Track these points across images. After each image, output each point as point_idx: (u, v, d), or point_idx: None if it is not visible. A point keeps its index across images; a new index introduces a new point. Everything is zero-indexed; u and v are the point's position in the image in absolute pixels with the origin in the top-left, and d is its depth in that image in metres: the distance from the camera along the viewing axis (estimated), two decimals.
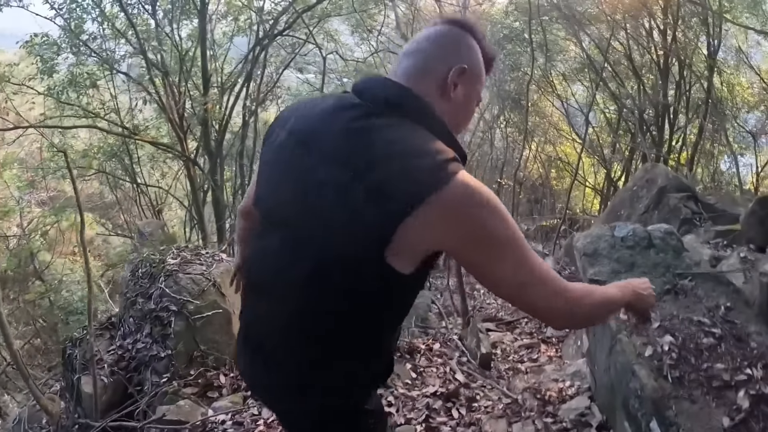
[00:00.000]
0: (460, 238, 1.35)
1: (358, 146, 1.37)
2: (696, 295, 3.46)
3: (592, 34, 13.91)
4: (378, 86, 1.51)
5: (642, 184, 7.96)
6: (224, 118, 10.42)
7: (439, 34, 1.59)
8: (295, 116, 1.57)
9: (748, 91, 14.46)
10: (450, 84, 1.54)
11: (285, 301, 1.52)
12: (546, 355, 5.99)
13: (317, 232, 1.41)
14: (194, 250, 6.24)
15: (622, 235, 3.68)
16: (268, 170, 1.62)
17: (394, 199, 1.29)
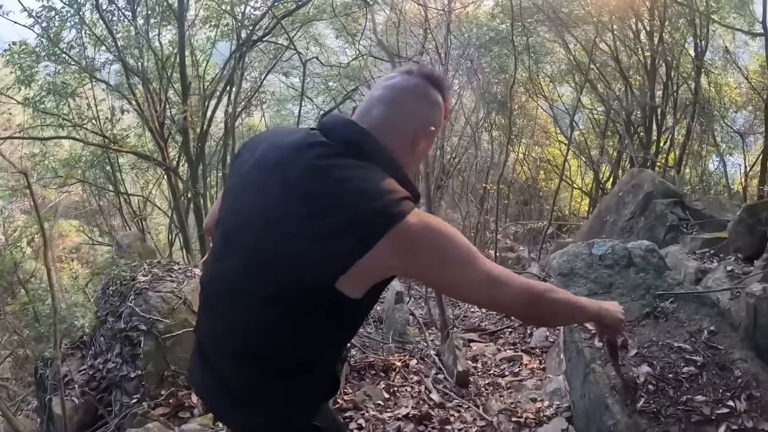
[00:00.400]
0: (420, 266, 1.49)
1: (319, 184, 1.46)
2: (677, 319, 3.23)
3: (578, 36, 13.71)
4: (344, 129, 1.58)
5: (628, 189, 7.75)
6: (203, 126, 10.13)
7: (416, 93, 1.68)
8: (263, 145, 1.64)
9: (735, 91, 14.30)
10: (417, 141, 1.68)
11: (237, 322, 1.58)
12: (528, 367, 5.78)
13: (274, 260, 1.47)
14: (166, 266, 6.05)
15: (600, 253, 3.45)
16: (232, 193, 1.67)
17: (350, 236, 1.40)
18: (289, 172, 1.51)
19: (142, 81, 10.32)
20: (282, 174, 1.52)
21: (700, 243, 5.86)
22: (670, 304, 3.28)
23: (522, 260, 10.08)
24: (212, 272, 1.71)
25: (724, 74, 14.28)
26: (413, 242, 1.43)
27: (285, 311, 1.50)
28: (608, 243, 3.54)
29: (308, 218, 1.43)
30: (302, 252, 1.42)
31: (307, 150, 1.52)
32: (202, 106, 10.46)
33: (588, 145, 15.69)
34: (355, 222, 1.40)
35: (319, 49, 13.95)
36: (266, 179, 1.55)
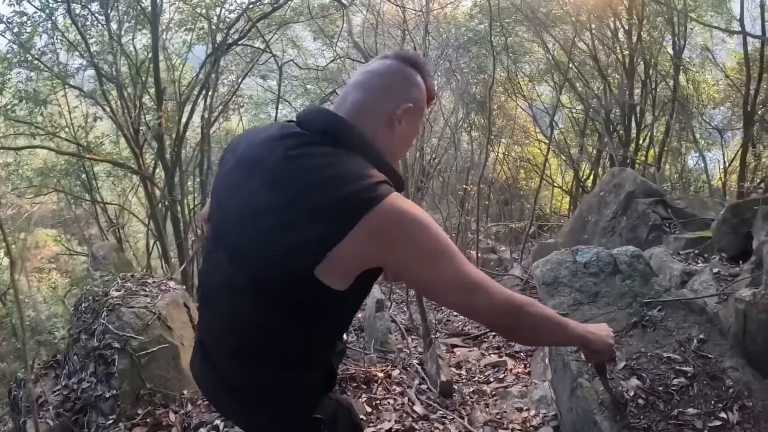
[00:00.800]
0: (395, 255, 1.44)
1: (292, 173, 1.45)
2: (666, 328, 3.11)
3: (556, 35, 13.64)
4: (317, 117, 1.58)
5: (609, 189, 7.65)
6: (179, 131, 9.91)
7: (389, 72, 1.67)
8: (242, 145, 1.65)
9: (713, 88, 14.31)
10: (395, 120, 1.64)
11: (231, 318, 1.59)
12: (513, 373, 5.67)
13: (254, 252, 1.48)
14: (140, 280, 5.86)
15: (585, 261, 3.31)
16: (217, 193, 1.68)
17: (324, 222, 1.38)
18: (263, 166, 1.52)
19: (116, 87, 10.09)
20: (258, 168, 1.53)
21: (684, 243, 5.76)
22: (658, 312, 3.16)
23: (504, 262, 9.95)
24: (206, 267, 1.72)
25: (702, 71, 14.28)
26: (388, 228, 1.41)
27: (273, 305, 1.49)
28: (593, 249, 3.40)
29: (282, 207, 1.44)
30: (278, 241, 1.42)
31: (281, 141, 1.53)
32: (178, 111, 10.23)
33: (568, 143, 15.64)
34: (327, 207, 1.39)
35: (297, 51, 13.77)
36: (244, 176, 1.56)
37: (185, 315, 5.84)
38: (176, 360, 5.03)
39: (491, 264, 9.58)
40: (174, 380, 4.87)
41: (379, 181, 1.44)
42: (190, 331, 5.74)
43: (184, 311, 5.85)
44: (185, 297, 6.13)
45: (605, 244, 7.20)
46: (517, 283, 7.92)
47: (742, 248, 5.22)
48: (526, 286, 7.71)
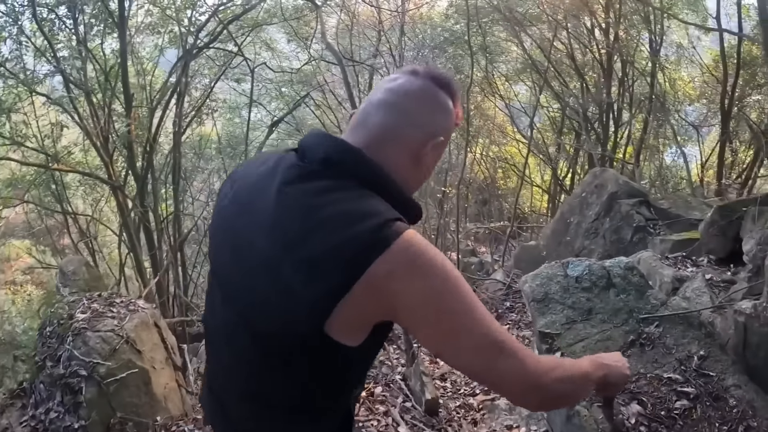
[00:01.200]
0: (407, 310, 1.20)
1: (288, 214, 1.24)
2: (665, 345, 2.90)
3: (533, 34, 13.48)
4: (320, 146, 1.33)
5: (591, 190, 7.47)
6: (149, 138, 9.56)
7: (421, 95, 1.40)
8: (240, 176, 1.45)
9: (689, 85, 14.26)
10: (424, 155, 1.41)
11: (237, 368, 1.41)
12: None
13: (253, 305, 1.29)
14: (108, 299, 5.57)
15: (577, 275, 3.09)
16: (214, 233, 1.49)
17: (328, 273, 1.16)
18: (258, 206, 1.31)
19: (85, 93, 9.73)
20: (251, 208, 1.33)
21: (671, 245, 5.58)
22: (656, 328, 2.95)
23: (485, 265, 9.73)
24: (207, 307, 1.55)
25: (678, 68, 14.23)
26: (397, 280, 1.17)
27: (281, 359, 1.30)
28: (584, 262, 3.19)
29: (279, 257, 1.22)
30: (279, 295, 1.22)
31: (276, 176, 1.31)
32: (149, 117, 9.90)
33: (545, 142, 15.51)
34: (328, 256, 1.17)
35: (271, 54, 13.46)
36: (239, 216, 1.36)
37: (156, 336, 5.58)
38: (147, 385, 4.79)
39: (472, 267, 9.35)
40: (146, 407, 4.66)
41: (389, 219, 1.21)
42: (161, 353, 5.49)
43: (155, 332, 5.59)
44: (156, 316, 5.86)
45: (588, 246, 7.03)
46: (500, 288, 7.71)
47: (730, 250, 5.07)
48: (509, 290, 7.50)
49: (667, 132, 13.97)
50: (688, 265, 4.90)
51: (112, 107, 9.86)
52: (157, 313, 5.97)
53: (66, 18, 10.03)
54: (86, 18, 10.20)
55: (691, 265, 4.91)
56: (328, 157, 1.29)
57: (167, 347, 5.77)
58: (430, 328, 1.23)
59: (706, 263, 5.03)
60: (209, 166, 13.95)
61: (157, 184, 10.56)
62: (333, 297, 1.16)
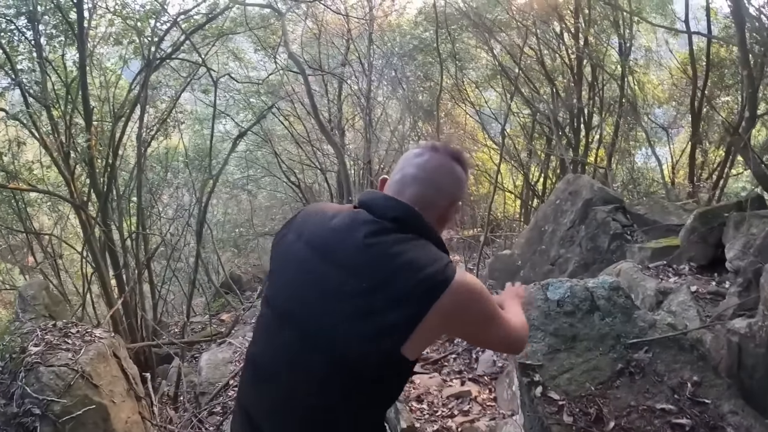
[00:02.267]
0: (465, 324, 1.65)
1: (374, 260, 1.58)
2: (656, 372, 2.62)
3: (503, 41, 13.26)
4: (388, 205, 1.70)
5: (565, 197, 7.21)
6: (108, 153, 9.12)
7: (445, 171, 1.79)
8: (310, 226, 1.76)
9: (659, 88, 14.19)
10: (448, 217, 1.84)
11: (295, 394, 1.63)
12: (478, 401, 5.15)
13: (336, 334, 1.57)
14: (62, 330, 5.17)
15: (558, 298, 2.80)
16: (284, 272, 1.77)
17: (409, 305, 1.52)
18: (342, 251, 1.62)
19: (45, 107, 9.26)
20: (333, 254, 1.63)
21: (650, 253, 5.32)
22: (645, 354, 2.68)
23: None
24: (264, 347, 1.77)
25: (647, 72, 14.16)
26: (460, 306, 1.57)
27: (348, 381, 1.58)
28: (565, 284, 2.89)
29: (368, 292, 1.54)
30: (367, 324, 1.53)
31: (358, 229, 1.64)
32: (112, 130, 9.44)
33: (516, 148, 15.31)
34: (410, 291, 1.53)
35: (239, 64, 13.06)
36: (317, 260, 1.65)
37: (115, 367, 5.22)
38: (106, 421, 4.45)
39: None
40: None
41: (448, 262, 1.60)
42: (121, 385, 5.14)
43: (114, 363, 5.22)
44: (114, 346, 5.50)
45: (564, 255, 6.77)
46: None
47: (712, 256, 4.84)
48: None
49: (637, 135, 13.86)
50: (670, 275, 4.64)
51: (72, 121, 9.38)
52: (116, 342, 5.61)
53: (26, 29, 9.58)
54: (47, 29, 9.75)
55: (673, 274, 4.65)
56: (397, 216, 1.66)
57: (128, 378, 5.45)
58: (480, 334, 1.74)
59: (688, 271, 4.78)
60: (177, 179, 13.45)
61: (122, 200, 10.10)
62: (414, 323, 1.51)
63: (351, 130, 15.05)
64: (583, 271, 6.35)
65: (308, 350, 1.60)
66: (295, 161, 15.27)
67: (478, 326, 1.66)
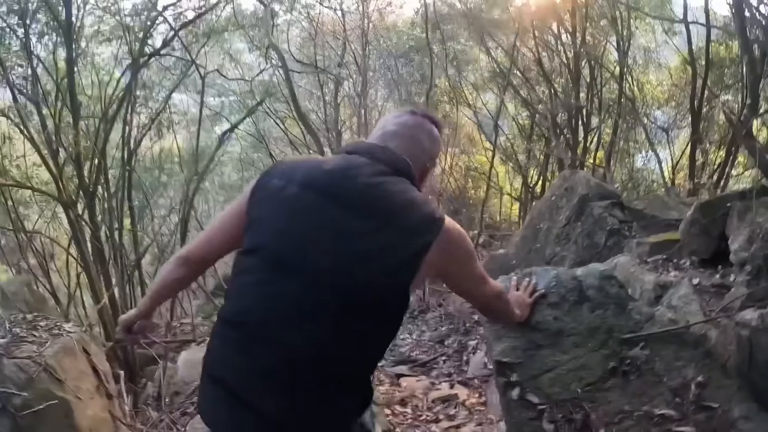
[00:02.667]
0: (456, 260, 1.70)
1: (379, 198, 1.62)
2: (654, 372, 2.22)
3: (500, 41, 12.90)
4: (383, 152, 1.75)
5: (561, 193, 6.80)
6: (94, 151, 8.77)
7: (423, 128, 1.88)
8: (302, 172, 1.69)
9: (658, 89, 13.80)
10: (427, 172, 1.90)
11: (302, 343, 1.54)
12: (466, 405, 4.79)
13: (350, 272, 1.54)
14: (31, 323, 4.87)
15: (542, 288, 2.39)
16: (273, 219, 1.66)
17: (419, 236, 1.58)
18: (346, 191, 1.62)
19: (34, 104, 8.96)
20: (339, 194, 1.61)
21: (649, 248, 4.90)
22: (641, 350, 2.28)
23: None
24: (253, 302, 1.62)
25: (646, 72, 13.78)
26: (455, 240, 1.67)
27: (360, 318, 1.56)
28: (550, 271, 2.48)
29: (378, 229, 1.57)
30: (383, 258, 1.55)
31: (358, 170, 1.67)
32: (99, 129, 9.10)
33: (515, 150, 14.93)
34: (418, 224, 1.59)
35: (234, 64, 12.72)
36: (321, 200, 1.61)
37: (83, 362, 4.91)
38: (69, 418, 4.02)
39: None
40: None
41: (437, 206, 1.89)
42: (89, 381, 4.86)
43: (82, 358, 4.93)
44: (84, 340, 5.19)
45: (559, 253, 6.37)
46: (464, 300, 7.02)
47: (715, 249, 4.42)
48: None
49: (637, 135, 13.48)
50: (670, 269, 4.22)
51: (62, 119, 9.07)
52: (86, 337, 5.31)
53: (17, 26, 9.29)
54: (39, 26, 9.46)
55: (674, 269, 4.24)
56: (394, 161, 1.72)
57: (99, 375, 5.18)
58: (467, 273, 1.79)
59: (689, 266, 4.36)
60: (173, 180, 13.07)
61: (112, 199, 9.74)
62: (423, 253, 1.57)
63: (348, 131, 14.68)
64: None
65: (317, 295, 1.54)
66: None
67: (467, 264, 1.74)
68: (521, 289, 2.39)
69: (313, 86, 13.58)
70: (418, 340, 6.90)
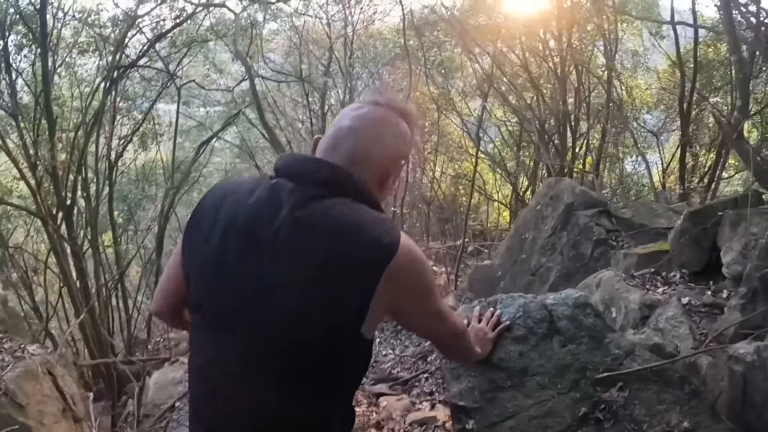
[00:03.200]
0: (410, 295, 1.39)
1: (307, 236, 1.31)
2: (632, 418, 1.89)
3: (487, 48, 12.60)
4: (311, 167, 1.42)
5: (546, 202, 6.48)
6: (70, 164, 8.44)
7: (385, 123, 1.51)
8: (226, 206, 1.41)
9: (646, 93, 13.54)
10: (389, 176, 1.52)
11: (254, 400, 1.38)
12: (446, 427, 4.43)
13: (289, 325, 1.31)
14: None
15: (507, 320, 2.06)
16: (203, 272, 1.41)
17: (358, 280, 1.29)
18: (269, 232, 1.32)
19: (12, 117, 8.66)
20: (262, 235, 1.33)
21: (636, 260, 4.59)
22: (618, 392, 1.94)
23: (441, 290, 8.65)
24: (209, 357, 1.44)
25: (634, 76, 13.52)
26: (405, 271, 1.34)
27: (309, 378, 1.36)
28: (518, 300, 2.13)
29: (312, 275, 1.29)
30: (320, 309, 1.29)
31: (281, 202, 1.34)
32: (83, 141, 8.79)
33: (504, 157, 14.62)
34: (356, 264, 1.30)
35: (219, 75, 12.41)
36: (245, 245, 1.34)
37: (47, 386, 4.70)
38: None
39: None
40: None
41: (392, 226, 1.38)
42: (54, 405, 4.71)
43: (47, 381, 4.73)
44: (49, 363, 4.93)
45: (545, 264, 6.04)
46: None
47: (706, 261, 4.11)
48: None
49: (626, 140, 13.20)
50: (658, 284, 3.90)
51: (40, 132, 8.75)
52: (51, 359, 5.07)
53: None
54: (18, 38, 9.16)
55: (662, 284, 3.91)
56: (325, 180, 1.36)
57: (65, 398, 4.95)
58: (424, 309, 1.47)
59: (678, 279, 4.05)
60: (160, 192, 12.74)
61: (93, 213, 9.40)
62: (368, 298, 1.29)
63: None
64: (565, 282, 5.62)
65: (258, 358, 1.34)
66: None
67: (421, 299, 1.44)
68: (483, 321, 2.04)
69: (299, 95, 13.26)
70: (400, 355, 6.54)
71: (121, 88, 10.15)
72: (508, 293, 2.25)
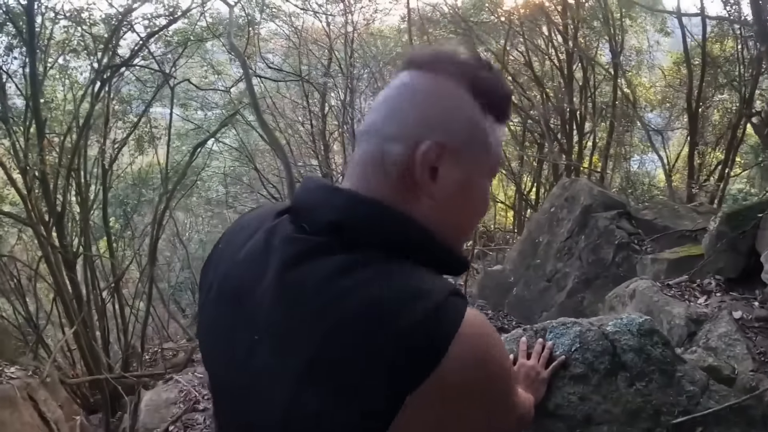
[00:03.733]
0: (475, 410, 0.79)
1: (297, 313, 0.80)
2: None
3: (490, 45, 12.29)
4: (319, 202, 0.87)
5: (561, 203, 6.13)
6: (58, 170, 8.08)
7: (416, 89, 0.88)
8: (222, 262, 0.98)
9: (651, 91, 13.26)
10: (420, 171, 0.84)
11: None
12: None
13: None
14: None
15: (561, 353, 1.69)
16: (204, 337, 1.02)
17: (367, 393, 0.73)
18: (253, 305, 0.84)
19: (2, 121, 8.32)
20: (246, 308, 0.86)
21: (666, 266, 4.23)
22: None
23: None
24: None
25: (638, 74, 13.26)
26: (467, 389, 0.76)
27: None
28: (571, 328, 1.75)
29: (299, 376, 0.77)
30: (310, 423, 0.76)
31: (273, 256, 0.85)
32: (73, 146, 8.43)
33: (507, 157, 14.32)
34: (366, 369, 0.73)
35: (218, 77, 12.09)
36: (230, 318, 0.89)
37: (27, 412, 4.33)
38: None
39: None
40: None
41: (439, 303, 0.76)
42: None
43: (27, 407, 4.36)
44: (30, 387, 4.56)
45: (562, 269, 5.69)
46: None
47: (742, 268, 3.76)
48: None
49: (633, 139, 12.92)
50: (696, 293, 3.55)
51: (30, 136, 8.40)
52: (34, 383, 4.69)
53: None
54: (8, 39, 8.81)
55: (700, 293, 3.56)
56: (335, 221, 0.83)
57: (48, 423, 4.59)
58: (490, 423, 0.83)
59: (715, 287, 3.69)
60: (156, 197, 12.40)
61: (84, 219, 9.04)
62: (379, 420, 0.73)
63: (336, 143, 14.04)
64: (585, 288, 5.28)
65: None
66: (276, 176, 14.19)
67: (494, 413, 0.84)
68: (533, 357, 1.60)
69: (299, 97, 12.93)
70: None
71: (116, 90, 9.79)
72: (522, 300, 1.88)
